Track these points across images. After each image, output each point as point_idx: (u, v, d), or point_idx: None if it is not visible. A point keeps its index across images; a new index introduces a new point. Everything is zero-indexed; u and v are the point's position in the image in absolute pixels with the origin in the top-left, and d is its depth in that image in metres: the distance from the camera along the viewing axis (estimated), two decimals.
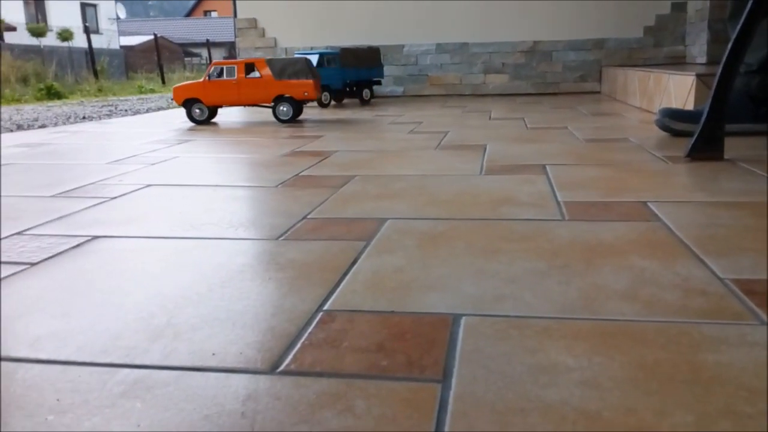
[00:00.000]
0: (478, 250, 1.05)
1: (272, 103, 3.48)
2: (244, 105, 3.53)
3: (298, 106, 3.49)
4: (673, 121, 2.35)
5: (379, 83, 4.98)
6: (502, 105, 4.30)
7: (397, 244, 1.10)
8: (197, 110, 3.48)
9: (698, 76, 2.62)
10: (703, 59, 4.63)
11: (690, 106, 2.66)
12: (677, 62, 5.14)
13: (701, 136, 1.85)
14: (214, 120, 3.64)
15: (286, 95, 3.45)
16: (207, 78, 3.43)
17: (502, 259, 1.00)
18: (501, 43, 5.47)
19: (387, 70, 5.35)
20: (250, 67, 3.45)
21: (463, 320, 0.77)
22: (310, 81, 3.51)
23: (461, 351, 0.69)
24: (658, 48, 5.27)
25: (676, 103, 2.87)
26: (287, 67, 3.47)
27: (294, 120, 3.49)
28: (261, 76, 3.42)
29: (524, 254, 1.02)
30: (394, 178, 1.71)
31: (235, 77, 3.42)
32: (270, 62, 3.47)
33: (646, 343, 0.70)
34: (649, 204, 1.33)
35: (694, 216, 1.24)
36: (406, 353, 0.69)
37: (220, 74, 3.43)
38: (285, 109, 3.49)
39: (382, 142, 2.51)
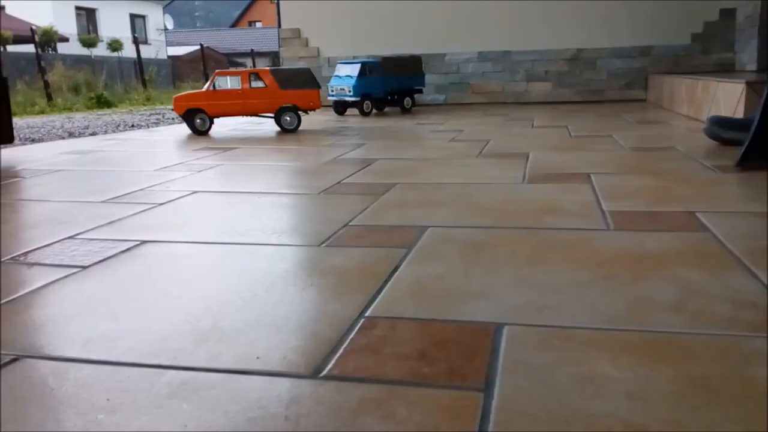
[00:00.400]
0: (521, 259, 1.05)
1: (275, 114, 3.44)
2: (248, 115, 3.49)
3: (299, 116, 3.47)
4: (722, 129, 2.29)
5: (420, 92, 4.99)
6: (545, 113, 4.26)
7: (438, 252, 1.10)
8: (198, 120, 3.38)
9: (748, 83, 2.56)
10: (753, 66, 4.51)
11: (740, 114, 2.59)
12: (726, 69, 5.01)
13: (752, 144, 1.80)
14: (210, 131, 3.51)
15: (291, 105, 3.43)
16: (212, 87, 3.36)
17: (546, 269, 0.99)
18: (544, 51, 5.42)
19: (428, 78, 5.35)
20: (254, 77, 3.41)
21: (505, 329, 0.77)
22: (316, 91, 3.51)
23: (504, 360, 0.69)
24: (706, 55, 5.15)
25: (725, 111, 2.80)
26: (292, 77, 3.46)
27: (296, 130, 3.45)
28: (266, 86, 3.39)
29: (568, 264, 1.01)
30: (435, 186, 1.71)
31: (240, 87, 3.38)
32: (274, 72, 3.44)
33: (694, 356, 0.69)
34: (697, 214, 1.30)
35: (744, 226, 1.21)
36: (448, 361, 0.69)
37: (225, 84, 3.38)
38: (289, 119, 3.46)
39: (423, 150, 2.52)
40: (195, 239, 1.23)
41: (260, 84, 3.40)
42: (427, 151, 2.49)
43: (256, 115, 3.53)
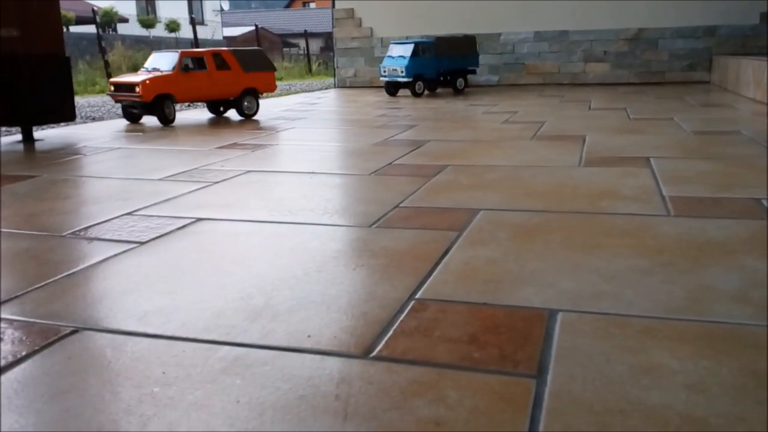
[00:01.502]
0: (576, 244, 1.02)
1: (236, 98, 3.22)
2: (214, 99, 3.27)
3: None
4: None
5: (474, 72, 4.92)
6: (603, 95, 4.15)
7: (490, 236, 1.08)
8: (167, 109, 2.96)
9: None
10: None
11: None
12: None
13: None
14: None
15: (252, 88, 3.25)
16: (179, 70, 3.00)
17: (602, 255, 0.96)
18: (603, 31, 5.27)
19: (482, 58, 5.27)
20: (218, 59, 3.15)
21: (559, 316, 0.75)
22: (272, 73, 3.35)
23: (557, 347, 0.67)
24: None
25: None
26: (251, 59, 3.26)
27: (254, 116, 3.25)
28: (230, 69, 3.17)
29: (626, 250, 0.98)
30: (487, 169, 1.68)
31: (206, 69, 3.09)
32: (236, 53, 3.23)
33: (757, 348, 0.66)
34: (762, 201, 1.25)
35: None
36: (499, 346, 0.68)
37: (188, 67, 3.03)
38: (249, 104, 3.27)
39: (475, 131, 2.48)
40: (248, 218, 1.25)
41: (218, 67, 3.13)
42: (479, 132, 2.45)
43: (217, 101, 3.29)
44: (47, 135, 2.74)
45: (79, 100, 5.05)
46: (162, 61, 3.06)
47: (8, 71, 2.43)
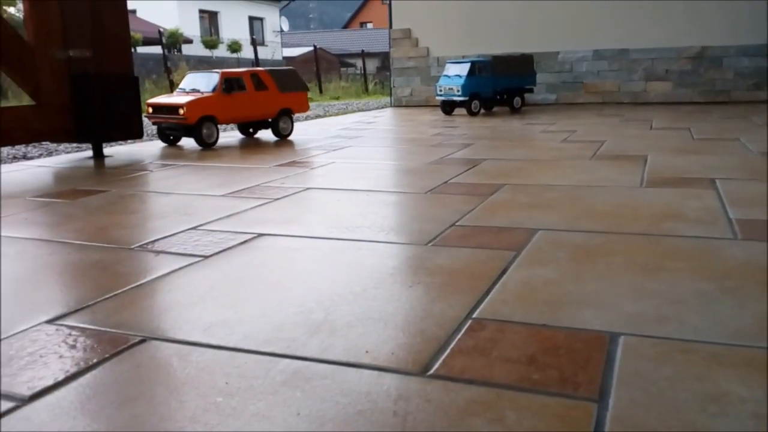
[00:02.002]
0: (638, 266, 1.00)
1: (273, 119, 3.18)
2: (253, 120, 3.22)
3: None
4: None
5: (531, 91, 4.89)
6: (665, 114, 4.05)
7: (548, 256, 1.07)
8: (205, 130, 2.86)
9: None
10: None
11: None
12: None
13: None
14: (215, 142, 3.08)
15: (287, 109, 3.21)
16: (221, 91, 2.92)
17: (666, 278, 0.94)
18: (664, 49, 5.16)
19: (540, 77, 5.23)
20: (256, 79, 3.09)
21: (621, 339, 0.74)
22: (305, 93, 3.30)
23: (619, 371, 0.66)
24: None
25: None
26: (286, 80, 3.21)
27: (287, 137, 3.22)
28: (268, 89, 3.11)
29: (690, 273, 0.96)
30: (545, 188, 1.67)
31: (246, 90, 3.03)
32: (272, 73, 3.18)
33: None
34: None
35: None
36: (560, 368, 0.67)
37: (230, 87, 2.97)
38: (284, 124, 3.23)
39: (533, 150, 2.46)
40: (308, 234, 1.27)
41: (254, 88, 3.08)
42: (537, 151, 2.43)
43: (248, 122, 3.25)
44: (116, 151, 2.86)
45: (146, 119, 5.25)
46: (200, 82, 3.02)
47: (81, 90, 2.56)
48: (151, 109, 2.95)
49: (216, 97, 2.92)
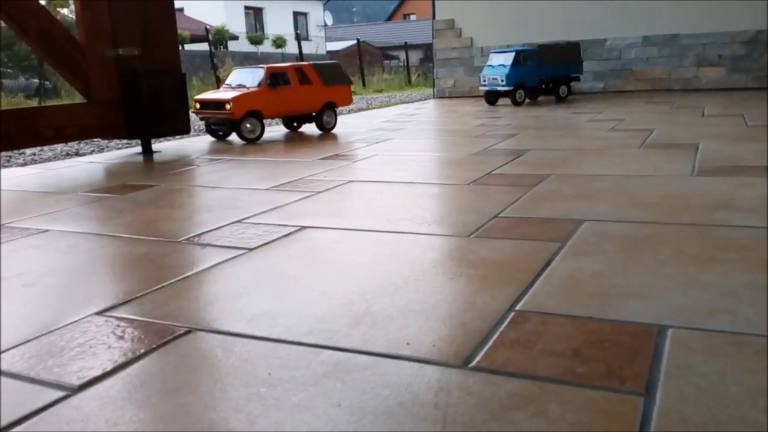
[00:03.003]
0: (688, 257, 0.97)
1: (317, 113, 3.18)
2: (298, 115, 3.22)
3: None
4: None
5: (577, 79, 4.79)
6: (718, 101, 3.92)
7: (595, 247, 1.05)
8: (249, 125, 2.90)
9: None
10: None
11: None
12: None
13: None
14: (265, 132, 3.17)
15: (331, 102, 3.21)
16: (267, 86, 2.95)
17: (717, 269, 0.91)
18: (717, 34, 4.98)
19: (586, 65, 5.12)
20: (300, 73, 3.11)
21: (669, 332, 0.72)
22: (349, 87, 3.30)
23: (667, 365, 0.64)
24: None
25: None
26: (330, 73, 3.21)
27: (331, 130, 3.23)
28: (312, 83, 3.13)
29: (743, 265, 0.92)
30: (591, 178, 1.63)
31: (291, 84, 3.05)
32: (316, 67, 3.19)
33: None
34: None
35: None
36: (605, 362, 0.66)
37: (275, 82, 2.98)
38: (328, 118, 3.23)
39: (579, 140, 2.42)
40: (350, 226, 1.28)
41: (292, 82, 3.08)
42: (583, 141, 2.38)
43: (293, 116, 3.26)
44: (164, 147, 2.92)
45: (193, 114, 5.35)
46: (246, 77, 3.05)
47: (130, 87, 2.62)
48: (198, 105, 3.00)
49: (261, 92, 2.95)
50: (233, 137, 3.10)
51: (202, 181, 1.94)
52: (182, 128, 2.82)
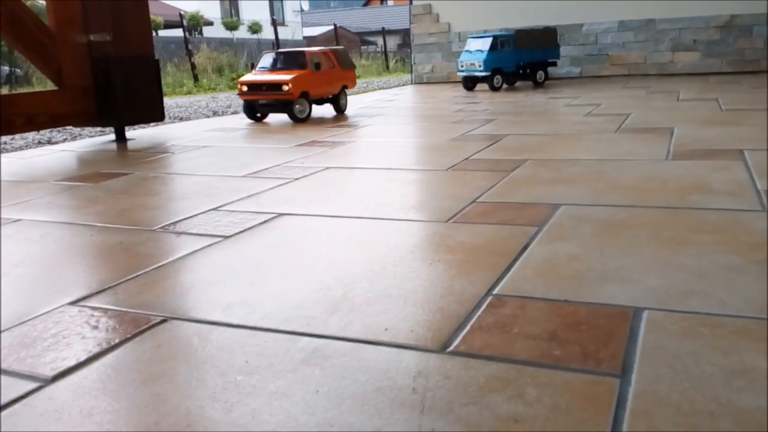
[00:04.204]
0: (664, 240, 0.98)
1: (334, 95, 3.31)
2: (327, 96, 3.30)
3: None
4: None
5: (554, 64, 4.81)
6: (693, 85, 3.96)
7: (571, 231, 1.05)
8: (298, 106, 3.05)
9: None
10: None
11: None
12: None
13: None
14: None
15: (345, 85, 3.37)
16: (312, 68, 3.10)
17: (692, 252, 0.92)
18: (692, 18, 5.03)
19: (563, 50, 5.14)
20: (327, 57, 3.25)
21: (645, 314, 0.72)
22: (354, 71, 3.45)
23: (643, 346, 0.65)
24: None
25: None
26: (343, 58, 3.36)
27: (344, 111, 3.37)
28: (334, 67, 3.27)
29: (717, 247, 0.94)
30: (568, 163, 1.64)
31: (322, 68, 3.17)
32: (334, 52, 3.33)
33: None
34: None
35: None
36: (581, 344, 0.66)
37: (318, 65, 3.13)
38: (344, 101, 3.39)
39: (556, 125, 2.43)
40: (327, 213, 1.27)
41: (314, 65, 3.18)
42: (560, 126, 2.39)
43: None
44: (138, 135, 2.88)
45: (167, 101, 5.28)
46: (285, 61, 3.19)
47: (102, 74, 2.57)
48: (245, 87, 3.10)
49: (309, 75, 3.10)
50: (218, 122, 3.07)
51: (179, 168, 1.92)
52: (157, 115, 2.78)
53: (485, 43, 4.33)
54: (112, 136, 2.74)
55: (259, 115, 3.21)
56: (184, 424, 0.56)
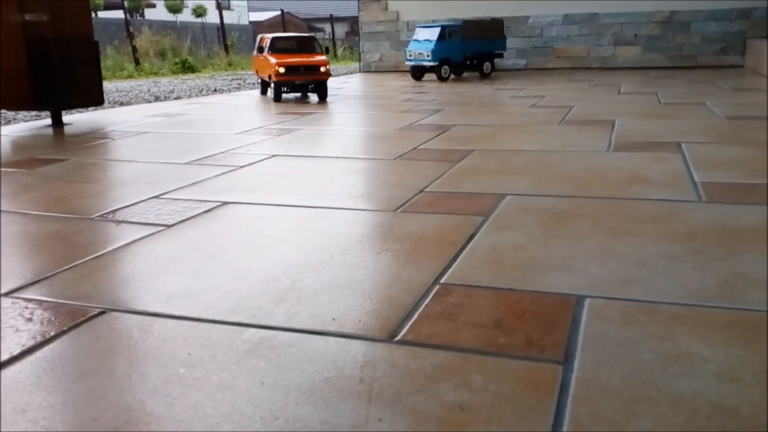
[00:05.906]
0: (605, 230, 1.01)
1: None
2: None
3: None
4: None
5: (501, 56, 4.87)
6: (633, 79, 4.07)
7: (516, 221, 1.07)
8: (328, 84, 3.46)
9: None
10: None
11: None
12: None
13: None
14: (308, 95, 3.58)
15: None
16: (325, 52, 3.48)
17: (632, 241, 0.95)
18: (634, 14, 5.16)
19: (510, 42, 5.21)
20: (320, 45, 3.56)
21: (587, 302, 0.74)
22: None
23: (584, 334, 0.66)
24: None
25: None
26: (318, 46, 3.57)
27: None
28: (318, 53, 3.50)
29: (656, 236, 0.96)
30: (514, 153, 1.66)
31: (327, 53, 3.50)
32: (313, 39, 3.59)
33: None
34: None
35: None
36: (526, 332, 0.67)
37: (327, 50, 3.50)
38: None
39: (502, 116, 2.46)
40: (274, 201, 1.25)
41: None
42: (506, 117, 2.42)
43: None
44: (76, 119, 2.78)
45: (108, 85, 5.11)
46: (296, 43, 3.50)
47: (38, 55, 2.47)
48: (283, 69, 3.28)
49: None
50: (153, 107, 2.98)
51: (119, 154, 1.86)
52: (96, 100, 2.68)
53: (433, 33, 4.35)
54: (49, 121, 2.64)
55: (288, 93, 3.42)
56: (123, 419, 0.54)
